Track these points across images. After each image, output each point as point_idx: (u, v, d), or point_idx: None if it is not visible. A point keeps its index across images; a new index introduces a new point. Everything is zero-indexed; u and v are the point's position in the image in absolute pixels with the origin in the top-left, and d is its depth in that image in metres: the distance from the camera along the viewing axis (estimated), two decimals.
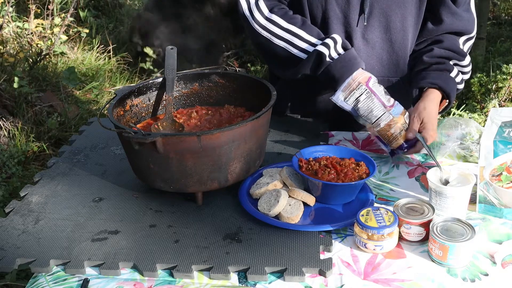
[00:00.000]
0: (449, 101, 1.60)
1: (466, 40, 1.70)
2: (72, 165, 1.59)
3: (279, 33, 1.58)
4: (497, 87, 3.75)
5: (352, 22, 1.62)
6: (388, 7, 1.61)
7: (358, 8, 1.61)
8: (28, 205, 1.39)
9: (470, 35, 1.70)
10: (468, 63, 1.67)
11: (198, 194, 1.35)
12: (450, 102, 1.60)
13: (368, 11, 1.61)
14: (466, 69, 1.68)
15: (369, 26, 1.63)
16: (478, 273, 1.12)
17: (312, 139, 1.68)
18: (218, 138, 1.24)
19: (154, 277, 1.15)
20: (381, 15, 1.62)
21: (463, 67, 1.66)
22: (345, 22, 1.63)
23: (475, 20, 1.70)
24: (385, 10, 1.61)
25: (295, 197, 1.31)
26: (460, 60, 1.64)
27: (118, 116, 1.43)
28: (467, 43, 1.70)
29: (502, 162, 1.26)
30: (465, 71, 1.67)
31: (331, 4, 1.61)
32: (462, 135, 1.56)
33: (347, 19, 1.63)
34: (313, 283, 1.11)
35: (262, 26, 1.59)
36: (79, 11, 5.44)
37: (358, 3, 1.60)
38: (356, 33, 1.64)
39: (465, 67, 1.67)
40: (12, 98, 3.65)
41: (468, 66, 1.68)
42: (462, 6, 1.65)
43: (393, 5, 1.61)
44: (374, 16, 1.62)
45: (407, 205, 1.25)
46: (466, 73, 1.68)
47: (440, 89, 1.57)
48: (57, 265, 1.19)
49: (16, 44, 4.39)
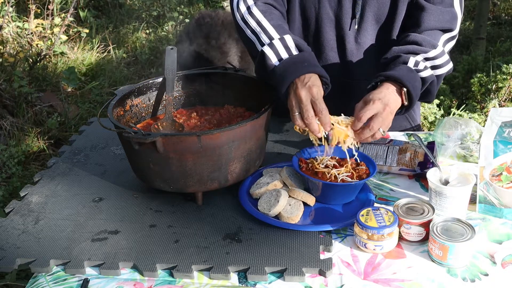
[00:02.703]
0: (408, 90, 1.40)
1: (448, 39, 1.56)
2: (72, 165, 1.59)
3: (253, 25, 1.51)
4: (497, 87, 3.75)
5: (345, 25, 1.62)
6: (379, 11, 1.60)
7: (350, 12, 1.60)
8: (28, 205, 1.39)
9: (452, 33, 1.56)
10: (439, 54, 1.49)
11: (198, 194, 1.35)
12: (409, 89, 1.39)
13: (360, 15, 1.60)
14: (438, 61, 1.50)
15: (361, 30, 1.63)
16: (478, 273, 1.12)
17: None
18: (218, 138, 1.24)
19: (154, 277, 1.15)
20: (372, 19, 1.61)
21: (433, 60, 1.49)
22: (338, 26, 1.63)
23: (458, 16, 1.57)
24: (376, 14, 1.60)
25: (295, 197, 1.31)
26: (426, 52, 1.48)
27: (118, 116, 1.43)
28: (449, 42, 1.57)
29: (502, 162, 1.26)
30: (436, 63, 1.50)
31: (324, 8, 1.60)
32: (462, 135, 1.56)
33: (339, 22, 1.62)
34: (313, 283, 1.11)
35: (242, 16, 1.56)
36: (79, 11, 5.44)
37: (350, 7, 1.60)
38: (348, 36, 1.64)
39: (435, 59, 1.49)
40: (12, 98, 3.65)
41: (440, 57, 1.50)
42: (440, 3, 1.54)
43: (385, 9, 1.60)
44: (366, 20, 1.61)
45: (407, 205, 1.25)
46: (440, 66, 1.50)
47: (389, 79, 1.40)
48: (57, 265, 1.19)
49: (16, 44, 4.39)
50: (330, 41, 1.65)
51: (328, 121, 1.32)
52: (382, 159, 1.48)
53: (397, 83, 1.39)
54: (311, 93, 1.32)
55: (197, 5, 5.95)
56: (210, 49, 2.34)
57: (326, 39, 1.65)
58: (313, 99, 1.32)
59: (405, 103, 1.41)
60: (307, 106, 1.32)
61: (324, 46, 1.66)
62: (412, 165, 1.46)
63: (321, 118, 1.32)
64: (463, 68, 4.19)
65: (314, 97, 1.31)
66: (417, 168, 1.46)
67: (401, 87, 1.39)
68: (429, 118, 3.60)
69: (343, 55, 1.67)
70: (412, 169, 1.46)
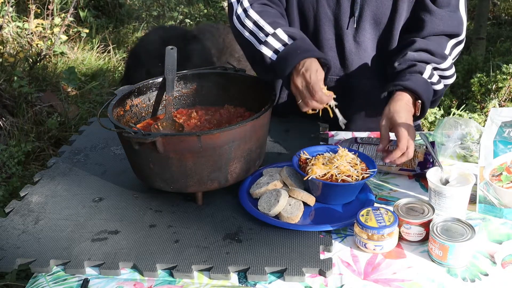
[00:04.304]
0: (422, 102, 1.49)
1: (455, 44, 1.60)
2: (72, 165, 1.59)
3: (250, 26, 1.54)
4: (497, 87, 3.75)
5: (343, 24, 1.62)
6: (378, 10, 1.60)
7: (348, 10, 1.60)
8: (28, 205, 1.39)
9: (459, 38, 1.60)
10: (449, 66, 1.57)
11: (198, 194, 1.35)
12: (424, 102, 1.49)
13: (358, 14, 1.60)
14: (447, 73, 1.57)
15: (360, 29, 1.63)
16: (478, 273, 1.12)
17: (312, 139, 1.68)
18: (218, 138, 1.24)
19: (154, 277, 1.15)
20: (371, 18, 1.61)
21: (443, 71, 1.56)
22: (336, 25, 1.63)
23: (463, 21, 1.59)
24: (375, 13, 1.60)
25: (295, 197, 1.31)
26: (438, 63, 1.54)
27: (118, 116, 1.43)
28: (456, 48, 1.60)
29: (502, 162, 1.26)
30: (445, 74, 1.57)
31: (322, 7, 1.60)
32: (462, 135, 1.56)
33: (337, 21, 1.62)
34: (313, 283, 1.11)
35: (239, 18, 1.58)
36: (79, 11, 5.44)
37: (349, 6, 1.60)
38: (347, 35, 1.64)
39: (445, 70, 1.56)
40: (12, 98, 3.65)
41: (449, 69, 1.57)
42: (446, 6, 1.56)
43: (384, 8, 1.60)
44: (365, 19, 1.61)
45: (407, 205, 1.25)
46: (448, 77, 1.58)
47: (407, 90, 1.48)
48: (57, 265, 1.19)
49: (16, 44, 4.39)
50: (329, 40, 1.65)
51: (324, 99, 1.40)
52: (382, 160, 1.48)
53: (414, 94, 1.48)
54: (305, 79, 1.40)
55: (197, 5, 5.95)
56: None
57: (324, 38, 1.65)
58: (307, 84, 1.40)
59: (417, 113, 1.51)
60: (303, 92, 1.41)
61: (323, 46, 1.66)
62: (412, 165, 1.46)
63: (317, 99, 1.39)
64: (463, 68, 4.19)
65: (308, 82, 1.39)
66: (417, 168, 1.46)
67: (416, 99, 1.49)
68: (429, 118, 3.60)
69: (342, 55, 1.67)
70: (412, 169, 1.46)
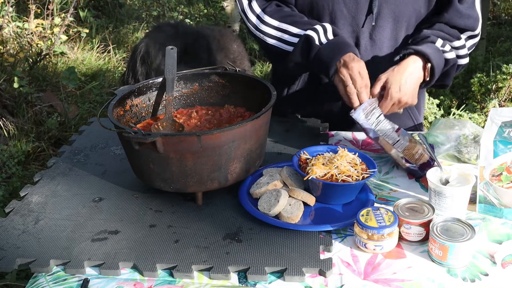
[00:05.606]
0: (432, 66, 1.53)
1: (468, 37, 1.66)
2: (72, 165, 1.59)
3: (271, 32, 1.60)
4: (497, 87, 3.76)
5: (360, 22, 1.63)
6: (397, 7, 1.61)
7: (366, 8, 1.61)
8: (28, 205, 1.39)
9: (474, 32, 1.66)
10: (462, 46, 1.61)
11: (198, 194, 1.35)
12: (434, 66, 1.53)
13: (377, 12, 1.61)
14: (460, 52, 1.62)
15: (377, 27, 1.63)
16: (478, 273, 1.12)
17: (312, 139, 1.67)
18: (218, 138, 1.24)
19: (154, 277, 1.15)
20: (389, 15, 1.62)
21: (456, 49, 1.61)
22: (353, 23, 1.63)
23: (479, 18, 1.66)
24: (394, 11, 1.61)
25: (295, 197, 1.31)
26: (451, 40, 1.60)
27: (118, 116, 1.43)
28: (470, 40, 1.66)
29: (502, 162, 1.26)
30: (459, 54, 1.62)
31: (338, 5, 1.61)
32: (457, 135, 1.55)
33: (354, 19, 1.63)
34: (313, 283, 1.11)
35: (255, 26, 1.63)
36: (79, 11, 5.44)
37: (367, 4, 1.60)
38: (363, 33, 1.64)
39: (458, 49, 1.61)
40: (12, 98, 3.65)
41: (462, 48, 1.62)
42: (466, 3, 1.62)
43: (402, 6, 1.61)
44: (383, 16, 1.62)
45: (407, 205, 1.25)
46: (461, 57, 1.63)
47: (417, 53, 1.52)
48: (57, 265, 1.19)
49: (16, 44, 4.39)
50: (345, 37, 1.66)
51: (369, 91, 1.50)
52: (392, 139, 1.47)
53: (424, 58, 1.52)
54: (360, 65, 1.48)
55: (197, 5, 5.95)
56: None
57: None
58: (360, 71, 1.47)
59: (427, 78, 1.54)
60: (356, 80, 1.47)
61: None
62: (416, 160, 1.46)
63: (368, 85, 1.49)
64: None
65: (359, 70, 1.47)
66: (417, 166, 1.45)
67: (426, 62, 1.53)
68: (429, 118, 3.60)
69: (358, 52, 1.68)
70: (413, 164, 1.46)
